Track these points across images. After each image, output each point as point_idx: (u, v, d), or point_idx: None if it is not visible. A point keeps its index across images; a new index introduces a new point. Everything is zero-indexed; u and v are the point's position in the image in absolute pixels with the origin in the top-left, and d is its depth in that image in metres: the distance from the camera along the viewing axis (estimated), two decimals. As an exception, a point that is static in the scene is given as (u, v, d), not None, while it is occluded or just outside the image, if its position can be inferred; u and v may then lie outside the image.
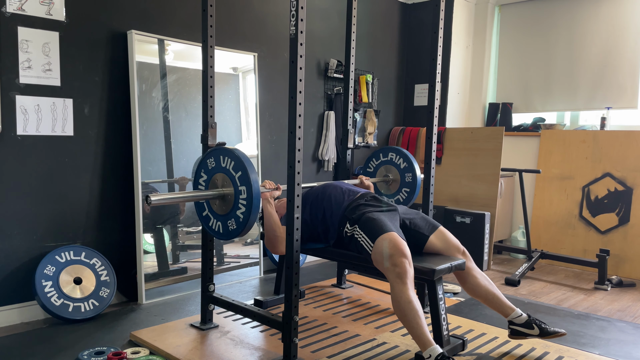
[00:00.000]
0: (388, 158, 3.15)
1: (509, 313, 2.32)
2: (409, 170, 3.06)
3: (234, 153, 2.06)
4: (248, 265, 3.60)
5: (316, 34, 4.08)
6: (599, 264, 3.60)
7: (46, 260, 2.66)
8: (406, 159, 3.07)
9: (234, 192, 2.06)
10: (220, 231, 2.16)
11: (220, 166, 2.12)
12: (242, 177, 2.03)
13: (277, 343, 2.32)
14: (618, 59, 4.27)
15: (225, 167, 2.09)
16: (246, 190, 2.01)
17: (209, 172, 2.17)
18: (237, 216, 2.06)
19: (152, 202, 1.91)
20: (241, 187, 2.03)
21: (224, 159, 2.10)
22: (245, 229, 2.05)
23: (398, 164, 3.11)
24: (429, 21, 4.68)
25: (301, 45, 1.99)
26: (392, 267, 2.09)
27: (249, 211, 2.00)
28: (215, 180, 2.14)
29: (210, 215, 2.19)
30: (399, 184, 3.12)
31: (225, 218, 2.12)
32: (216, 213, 2.16)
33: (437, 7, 2.75)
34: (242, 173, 2.03)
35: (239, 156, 2.04)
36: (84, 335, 2.49)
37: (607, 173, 4.09)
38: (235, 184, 2.05)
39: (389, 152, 3.14)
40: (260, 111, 3.68)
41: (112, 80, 2.93)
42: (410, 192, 3.07)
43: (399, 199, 3.12)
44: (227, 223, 2.11)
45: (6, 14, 2.52)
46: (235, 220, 2.07)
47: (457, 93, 4.88)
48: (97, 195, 2.92)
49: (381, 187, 3.20)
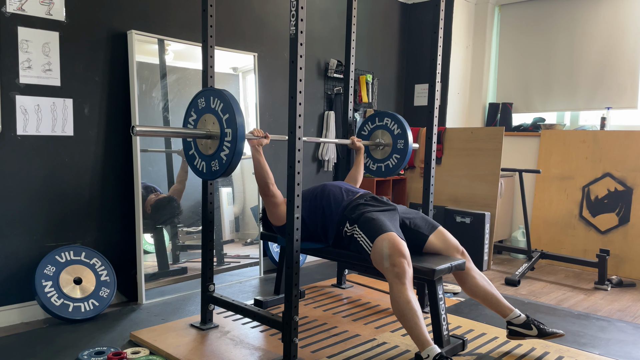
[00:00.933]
0: (383, 123, 3.14)
1: (508, 313, 2.32)
2: (401, 137, 3.06)
3: (224, 95, 2.07)
4: (248, 265, 3.60)
5: (316, 34, 4.08)
6: (599, 264, 3.60)
7: (46, 260, 2.66)
8: (400, 125, 3.06)
9: (220, 133, 2.08)
10: (203, 171, 2.19)
11: (209, 107, 2.13)
12: (229, 119, 2.04)
13: (277, 343, 2.33)
14: (618, 59, 4.27)
15: (214, 108, 2.11)
16: (231, 133, 2.02)
17: (199, 112, 2.19)
18: (220, 157, 2.08)
19: (137, 132, 1.93)
20: (227, 130, 2.04)
21: (213, 99, 2.12)
22: (228, 171, 2.07)
23: (392, 130, 3.09)
24: (429, 21, 4.71)
25: (301, 45, 1.99)
26: (391, 267, 2.09)
27: (232, 153, 2.02)
28: (204, 120, 2.16)
29: (196, 154, 2.22)
30: (390, 149, 3.11)
31: (209, 159, 2.14)
32: (201, 153, 2.18)
33: (437, 7, 2.75)
34: (229, 115, 2.04)
35: (228, 98, 2.05)
36: (84, 335, 2.49)
37: (607, 173, 4.09)
38: (222, 125, 2.07)
39: (385, 117, 3.13)
40: (260, 111, 3.69)
41: (112, 80, 2.93)
42: (400, 159, 3.06)
43: (388, 165, 3.11)
44: (210, 164, 2.14)
45: (6, 14, 2.52)
46: (218, 162, 2.10)
47: (457, 93, 4.88)
48: (97, 196, 2.92)
49: (372, 151, 3.19)
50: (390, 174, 3.15)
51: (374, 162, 3.19)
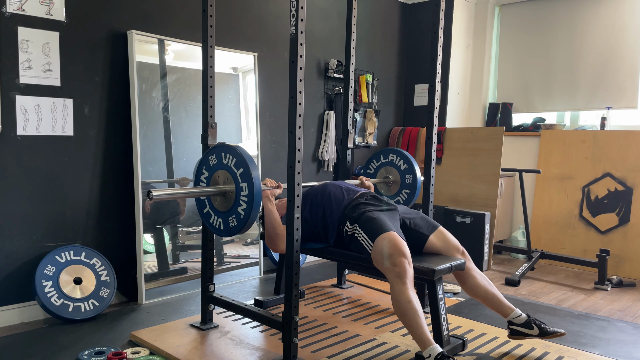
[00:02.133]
0: (389, 159, 3.16)
1: (509, 313, 2.32)
2: (409, 172, 3.07)
3: (236, 150, 2.06)
4: (248, 265, 3.60)
5: (316, 34, 4.08)
6: (599, 264, 3.60)
7: (46, 260, 2.66)
8: (407, 160, 3.08)
9: (236, 188, 2.07)
10: (221, 228, 2.16)
11: (221, 163, 2.12)
12: (243, 173, 2.03)
13: (277, 343, 2.32)
14: (618, 59, 4.27)
15: (227, 164, 2.10)
16: (247, 187, 2.01)
17: (211, 169, 2.18)
18: (238, 213, 2.07)
19: (154, 197, 1.91)
20: (242, 184, 2.03)
21: (225, 155, 2.10)
22: (246, 226, 2.05)
23: (398, 166, 3.11)
24: (429, 21, 4.69)
25: (301, 45, 1.99)
26: (391, 267, 2.09)
27: (250, 208, 2.01)
28: (217, 177, 2.15)
29: (211, 212, 2.19)
30: (399, 185, 3.12)
31: (226, 215, 2.12)
32: (217, 210, 2.16)
33: (437, 7, 2.75)
34: (243, 170, 2.03)
35: (241, 153, 2.04)
36: (84, 335, 2.49)
37: (607, 173, 4.09)
38: (236, 180, 2.06)
39: (390, 153, 3.15)
40: (260, 111, 3.69)
41: (112, 80, 2.93)
42: (411, 194, 3.07)
43: (399, 200, 3.12)
44: (228, 220, 2.12)
45: (6, 14, 2.52)
46: (236, 217, 2.08)
47: (457, 93, 4.88)
48: (97, 195, 2.92)
49: (381, 188, 3.20)
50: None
51: None
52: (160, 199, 1.98)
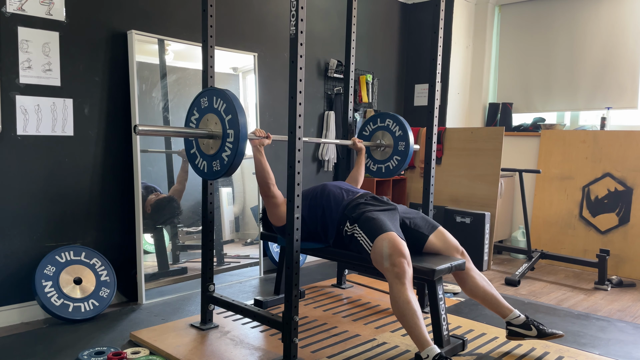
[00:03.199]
0: (385, 124, 3.14)
1: (507, 314, 2.32)
2: (403, 138, 3.06)
3: (227, 95, 2.07)
4: (248, 265, 3.60)
5: (316, 34, 4.08)
6: (599, 264, 3.60)
7: (46, 260, 2.66)
8: (402, 127, 3.06)
9: (222, 134, 2.07)
10: (204, 170, 2.18)
11: (212, 106, 2.13)
12: (231, 120, 2.03)
13: (277, 343, 2.32)
14: (618, 59, 4.27)
15: (217, 108, 2.10)
16: (234, 134, 2.02)
17: (201, 111, 2.19)
18: (222, 158, 2.08)
19: (139, 131, 1.92)
20: (229, 130, 2.04)
21: (216, 99, 2.11)
22: (229, 171, 2.07)
23: (393, 131, 3.09)
24: (429, 21, 4.71)
25: (301, 45, 1.99)
26: (391, 267, 2.10)
27: (234, 154, 2.02)
28: (206, 120, 2.16)
29: (197, 154, 2.21)
30: (391, 150, 3.11)
31: (211, 158, 2.14)
32: (203, 152, 2.18)
33: (437, 7, 2.75)
34: (232, 116, 2.03)
35: (231, 99, 2.05)
36: (84, 335, 2.49)
37: (607, 173, 4.09)
38: (224, 126, 2.07)
39: (387, 118, 3.12)
40: (260, 111, 3.69)
41: (112, 80, 2.93)
42: (401, 161, 3.06)
43: (389, 166, 3.11)
44: (212, 164, 2.13)
45: (6, 14, 2.52)
46: (220, 162, 2.09)
47: (457, 93, 4.88)
48: (97, 196, 2.92)
49: (373, 152, 3.19)
50: (390, 175, 3.15)
51: (374, 162, 3.19)
52: (146, 133, 1.99)
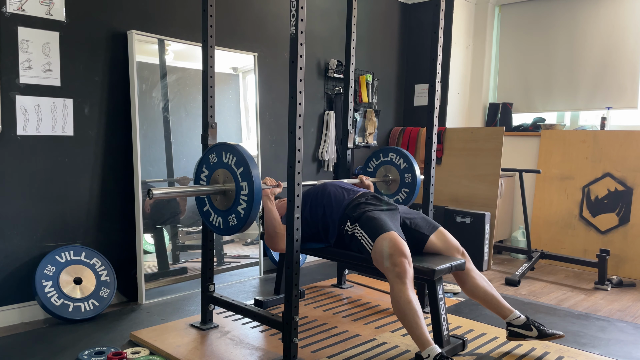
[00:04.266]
0: (388, 158, 3.16)
1: (507, 315, 2.32)
2: (408, 170, 3.07)
3: (236, 149, 2.06)
4: (248, 265, 3.60)
5: (316, 34, 4.08)
6: (599, 264, 3.60)
7: (46, 260, 2.66)
8: (406, 159, 3.08)
9: (236, 187, 2.07)
10: (220, 226, 2.16)
11: (222, 162, 2.12)
12: (243, 172, 2.03)
13: (277, 343, 2.32)
14: (618, 59, 4.27)
15: (227, 163, 2.10)
16: (248, 186, 2.02)
17: (211, 168, 2.18)
18: (237, 212, 2.07)
19: (154, 196, 1.92)
20: (242, 183, 2.04)
21: (226, 154, 2.10)
22: (246, 225, 2.06)
23: (398, 165, 3.11)
24: (429, 21, 4.70)
25: (301, 45, 1.99)
26: (391, 267, 2.09)
27: (250, 207, 2.01)
28: (217, 176, 2.15)
29: (211, 211, 2.20)
30: (398, 184, 3.12)
31: (226, 214, 2.12)
32: (217, 208, 2.16)
33: (437, 7, 2.75)
34: (244, 169, 2.03)
35: (241, 152, 2.05)
36: (84, 335, 2.49)
37: (607, 173, 4.09)
38: (236, 179, 2.06)
39: (389, 152, 3.15)
40: (260, 111, 3.68)
41: (112, 80, 2.93)
42: (410, 193, 3.07)
43: (398, 199, 3.12)
44: (227, 219, 2.12)
45: (6, 14, 2.52)
46: (236, 216, 2.08)
47: (457, 93, 4.88)
48: (97, 195, 2.92)
49: (381, 187, 3.20)
50: None
51: None
52: (161, 197, 1.98)
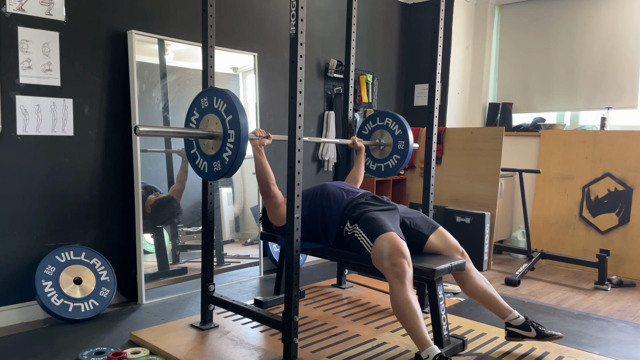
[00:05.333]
0: (384, 123, 3.13)
1: (507, 315, 2.32)
2: (402, 137, 3.05)
3: (227, 95, 2.06)
4: (248, 265, 3.60)
5: (316, 34, 4.08)
6: (599, 264, 3.60)
7: (46, 260, 2.66)
8: (401, 125, 3.06)
9: (223, 134, 2.07)
10: (205, 171, 2.18)
11: (212, 107, 2.12)
12: (232, 120, 2.03)
13: (277, 343, 2.33)
14: (618, 59, 4.27)
15: (217, 109, 2.10)
16: (234, 134, 2.02)
17: (201, 112, 2.18)
18: (222, 158, 2.07)
19: (139, 132, 1.91)
20: (230, 131, 2.03)
21: (217, 100, 2.10)
22: (230, 172, 2.06)
23: (393, 130, 3.09)
24: (429, 21, 4.71)
25: (301, 45, 1.99)
26: (391, 267, 2.09)
27: (235, 154, 2.01)
28: (207, 120, 2.15)
29: (198, 154, 2.21)
30: (391, 149, 3.11)
31: (211, 159, 2.13)
32: (203, 153, 2.17)
33: (437, 7, 2.75)
34: (232, 116, 2.03)
35: (232, 99, 2.04)
36: (84, 335, 2.49)
37: (607, 173, 4.09)
38: (225, 126, 2.06)
39: (386, 117, 3.12)
40: (260, 111, 3.69)
41: (112, 80, 2.93)
42: (401, 160, 3.06)
43: (388, 165, 3.11)
44: (212, 164, 2.13)
45: (6, 14, 2.52)
46: (220, 162, 2.09)
47: (457, 93, 4.88)
48: (97, 196, 2.92)
49: (373, 151, 3.19)
50: (390, 174, 3.15)
51: (374, 162, 3.19)
52: (147, 134, 1.98)
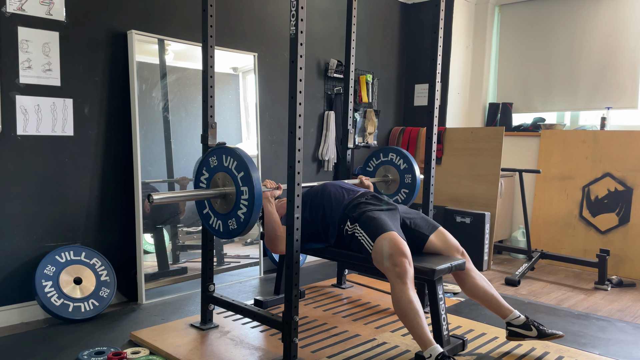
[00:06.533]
0: (388, 158, 3.16)
1: (507, 314, 2.32)
2: (408, 171, 3.07)
3: (237, 152, 2.06)
4: (248, 265, 3.60)
5: (316, 34, 4.08)
6: (599, 264, 3.60)
7: (46, 260, 2.66)
8: (406, 159, 3.08)
9: (236, 191, 2.06)
10: (220, 230, 2.16)
11: (222, 165, 2.12)
12: (244, 177, 2.02)
13: (277, 343, 2.32)
14: (618, 59, 4.27)
15: (228, 167, 2.09)
16: (248, 191, 2.01)
17: (211, 171, 2.17)
18: (238, 216, 2.06)
19: (154, 201, 1.91)
20: (243, 187, 2.03)
21: (226, 158, 2.10)
22: (246, 229, 2.05)
23: (398, 165, 3.12)
24: (429, 21, 4.71)
25: (301, 45, 1.99)
26: (392, 267, 2.09)
27: (250, 211, 2.00)
28: (217, 179, 2.14)
29: (211, 214, 2.19)
30: (398, 184, 3.12)
31: (226, 217, 2.12)
32: (217, 212, 2.16)
33: (437, 7, 2.75)
34: (244, 173, 2.02)
35: (242, 156, 2.04)
36: (84, 335, 2.49)
37: (607, 173, 4.09)
38: (237, 183, 2.05)
39: (389, 152, 3.15)
40: (260, 111, 3.68)
41: (112, 80, 2.93)
42: (410, 193, 3.08)
43: (397, 200, 3.12)
44: (227, 222, 2.11)
45: (6, 14, 2.52)
46: (236, 220, 2.07)
47: (457, 93, 4.88)
48: (97, 195, 2.92)
49: (380, 187, 3.20)
50: None
51: None
52: (161, 202, 1.97)
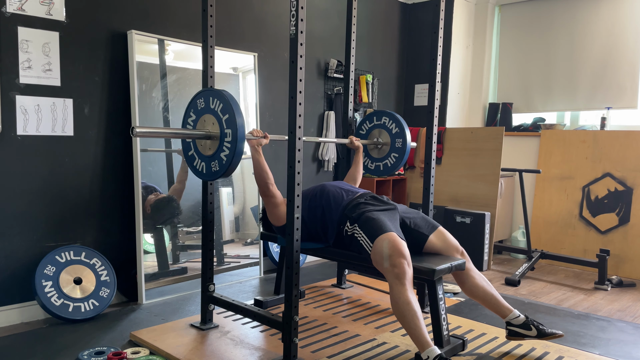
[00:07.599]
0: (381, 122, 3.14)
1: (507, 314, 2.32)
2: (400, 135, 3.06)
3: (223, 95, 2.07)
4: (248, 265, 3.60)
5: (316, 34, 4.08)
6: (599, 264, 3.60)
7: (46, 260, 2.66)
8: (399, 124, 3.06)
9: (220, 134, 2.08)
10: (203, 171, 2.19)
11: (209, 107, 2.13)
12: (228, 120, 2.04)
13: (277, 343, 2.33)
14: (618, 59, 4.27)
15: (214, 109, 2.11)
16: (231, 134, 2.02)
17: (198, 112, 2.19)
18: (220, 158, 2.08)
19: (136, 133, 1.92)
20: (227, 130, 2.04)
21: (213, 100, 2.11)
22: (228, 171, 2.07)
23: (390, 129, 3.10)
24: (429, 21, 4.70)
25: (301, 45, 1.99)
26: (391, 268, 2.09)
27: (232, 154, 2.02)
28: (203, 121, 2.16)
29: (195, 155, 2.22)
30: (389, 148, 3.11)
31: (209, 159, 2.14)
32: (201, 153, 2.18)
33: (437, 7, 2.75)
34: (229, 116, 2.04)
35: (228, 99, 2.05)
36: (84, 335, 2.49)
37: (607, 173, 4.09)
38: (221, 126, 2.07)
39: (383, 115, 3.13)
40: (260, 111, 3.69)
41: (112, 80, 2.93)
42: (399, 158, 3.06)
43: (387, 163, 3.12)
44: (210, 164, 2.14)
45: (6, 14, 2.52)
46: (218, 162, 2.09)
47: (457, 93, 4.88)
48: (97, 196, 2.92)
49: (371, 150, 3.19)
50: (388, 173, 3.16)
51: (372, 161, 3.20)
52: (144, 135, 1.99)
